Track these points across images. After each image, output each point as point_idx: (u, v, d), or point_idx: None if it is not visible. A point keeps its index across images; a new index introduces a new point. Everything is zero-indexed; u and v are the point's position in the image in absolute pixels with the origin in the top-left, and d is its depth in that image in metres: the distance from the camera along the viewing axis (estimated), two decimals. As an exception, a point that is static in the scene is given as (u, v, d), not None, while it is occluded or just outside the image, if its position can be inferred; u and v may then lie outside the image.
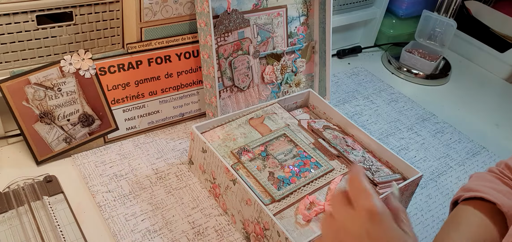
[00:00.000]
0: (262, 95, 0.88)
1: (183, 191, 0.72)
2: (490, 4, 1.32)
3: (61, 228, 0.61)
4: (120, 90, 0.77)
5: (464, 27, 1.28)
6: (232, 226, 0.67)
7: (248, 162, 0.69)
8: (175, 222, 0.66)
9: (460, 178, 0.85)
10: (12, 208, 0.63)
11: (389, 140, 0.92)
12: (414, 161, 0.88)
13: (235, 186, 0.64)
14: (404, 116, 1.00)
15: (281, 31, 0.88)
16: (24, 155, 0.73)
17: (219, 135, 0.74)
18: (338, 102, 1.01)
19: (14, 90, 0.68)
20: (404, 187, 0.68)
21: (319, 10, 0.91)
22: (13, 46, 0.70)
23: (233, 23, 0.81)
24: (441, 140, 0.95)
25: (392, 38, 1.25)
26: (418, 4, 1.22)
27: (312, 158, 0.72)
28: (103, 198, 0.68)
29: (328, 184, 0.69)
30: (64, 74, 0.71)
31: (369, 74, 1.14)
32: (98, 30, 0.77)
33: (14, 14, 0.67)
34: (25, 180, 0.68)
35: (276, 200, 0.64)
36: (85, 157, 0.75)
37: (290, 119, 0.80)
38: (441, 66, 1.20)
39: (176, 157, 0.78)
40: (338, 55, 1.19)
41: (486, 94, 1.15)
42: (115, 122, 0.78)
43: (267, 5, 0.85)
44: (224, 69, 0.82)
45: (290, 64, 0.90)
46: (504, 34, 1.24)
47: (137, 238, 0.63)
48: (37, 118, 0.70)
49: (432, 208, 0.78)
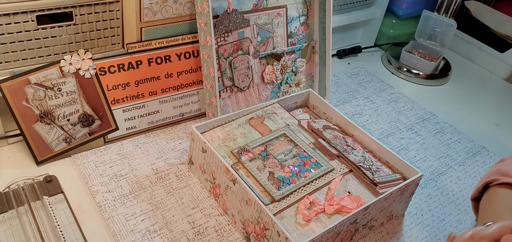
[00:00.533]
0: (262, 95, 0.88)
1: (183, 191, 0.72)
2: (490, 4, 1.32)
3: (61, 228, 0.61)
4: (120, 90, 0.77)
5: (464, 27, 1.28)
6: (232, 226, 0.67)
7: (248, 162, 0.69)
8: (175, 222, 0.66)
9: (460, 178, 0.85)
10: (12, 208, 0.63)
11: (389, 140, 0.92)
12: (414, 161, 0.88)
13: (235, 186, 0.64)
14: (404, 116, 1.00)
15: (281, 31, 0.88)
16: (24, 155, 0.73)
17: (219, 135, 0.74)
18: (338, 102, 1.01)
19: (14, 90, 0.68)
20: (404, 187, 0.68)
21: (319, 10, 0.91)
22: (13, 46, 0.70)
23: (233, 23, 0.81)
24: (441, 140, 0.95)
25: (392, 38, 1.25)
26: (418, 4, 1.22)
27: (312, 158, 0.72)
28: (103, 198, 0.68)
29: (328, 184, 0.69)
30: (64, 74, 0.71)
31: (369, 74, 1.14)
32: (98, 30, 0.77)
33: (14, 14, 0.67)
34: (25, 180, 0.68)
35: (276, 200, 0.64)
36: (85, 157, 0.75)
37: (290, 119, 0.80)
38: (441, 66, 1.20)
39: (176, 157, 0.78)
40: (338, 55, 1.19)
41: (486, 94, 1.15)
42: (115, 122, 0.78)
43: (267, 5, 0.85)
44: (224, 69, 0.82)
45: (290, 64, 0.90)
46: (504, 34, 1.24)
47: (137, 238, 0.63)
48: (37, 119, 0.70)
49: (432, 208, 0.78)
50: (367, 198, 0.67)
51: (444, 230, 0.74)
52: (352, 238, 0.66)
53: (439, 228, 0.74)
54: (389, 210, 0.70)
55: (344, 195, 0.67)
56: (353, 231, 0.65)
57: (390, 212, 0.71)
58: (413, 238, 0.71)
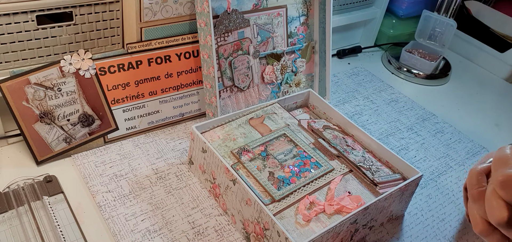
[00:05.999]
0: (262, 95, 0.88)
1: (183, 191, 0.72)
2: (490, 4, 1.32)
3: (61, 228, 0.61)
4: (120, 90, 0.77)
5: (464, 27, 1.28)
6: (232, 226, 0.67)
7: (248, 162, 0.69)
8: (175, 222, 0.66)
9: (460, 178, 0.85)
10: (12, 208, 0.63)
11: (389, 140, 0.92)
12: (414, 161, 0.88)
13: (235, 186, 0.64)
14: (404, 116, 1.00)
15: (281, 31, 0.88)
16: (24, 155, 0.73)
17: (219, 135, 0.74)
18: (338, 102, 1.01)
19: (14, 90, 0.68)
20: (404, 187, 0.68)
21: (319, 10, 0.91)
22: (13, 46, 0.70)
23: (233, 23, 0.81)
24: (441, 140, 0.95)
25: (392, 38, 1.25)
26: (418, 4, 1.22)
27: (312, 158, 0.72)
28: (103, 198, 0.68)
29: (328, 184, 0.69)
30: (64, 74, 0.71)
31: (369, 74, 1.14)
32: (98, 30, 0.77)
33: (14, 14, 0.67)
34: (25, 180, 0.68)
35: (276, 200, 0.64)
36: (85, 157, 0.75)
37: (290, 119, 0.80)
38: (441, 66, 1.20)
39: (176, 157, 0.78)
40: (338, 55, 1.19)
41: (486, 94, 1.15)
42: (115, 122, 0.78)
43: (267, 5, 0.85)
44: (224, 69, 0.82)
45: (290, 64, 0.90)
46: (504, 34, 1.24)
47: (137, 238, 0.63)
48: (37, 119, 0.70)
49: (432, 208, 0.78)
50: (367, 198, 0.67)
51: (444, 230, 0.74)
52: (352, 238, 0.66)
53: (439, 228, 0.74)
54: (389, 210, 0.70)
55: (344, 195, 0.67)
56: (353, 231, 0.65)
57: (390, 212, 0.71)
58: (413, 238, 0.71)
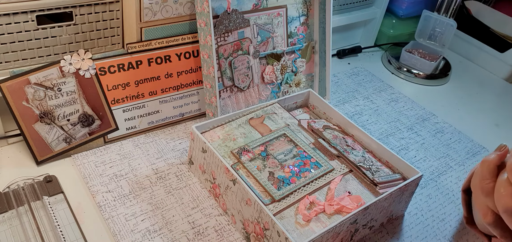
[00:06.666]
0: (262, 95, 0.88)
1: (183, 191, 0.72)
2: (490, 4, 1.32)
3: (61, 228, 0.61)
4: (120, 90, 0.77)
5: (464, 27, 1.28)
6: (232, 226, 0.67)
7: (248, 162, 0.69)
8: (175, 222, 0.66)
9: (460, 178, 0.85)
10: (12, 208, 0.63)
11: (389, 140, 0.92)
12: (414, 161, 0.88)
13: (235, 186, 0.64)
14: (404, 116, 1.00)
15: (281, 31, 0.88)
16: (24, 155, 0.73)
17: (219, 135, 0.74)
18: (338, 102, 1.01)
19: (14, 90, 0.68)
20: (404, 187, 0.68)
21: (319, 10, 0.91)
22: (13, 46, 0.70)
23: (233, 23, 0.81)
24: (441, 140, 0.95)
25: (392, 38, 1.25)
26: (418, 4, 1.22)
27: (312, 158, 0.72)
28: (103, 198, 0.68)
29: (328, 184, 0.69)
30: (64, 74, 0.71)
31: (369, 74, 1.14)
32: (98, 30, 0.77)
33: (14, 14, 0.67)
34: (25, 180, 0.68)
35: (276, 200, 0.64)
36: (85, 157, 0.75)
37: (290, 119, 0.80)
38: (441, 66, 1.20)
39: (176, 157, 0.78)
40: (338, 55, 1.19)
41: (486, 94, 1.15)
42: (115, 122, 0.78)
43: (267, 5, 0.85)
44: (224, 69, 0.82)
45: (290, 64, 0.90)
46: (504, 34, 1.24)
47: (137, 238, 0.63)
48: (37, 119, 0.70)
49: (432, 208, 0.78)
50: (367, 198, 0.67)
51: (444, 230, 0.74)
52: (352, 238, 0.66)
53: (439, 228, 0.74)
54: (389, 210, 0.70)
55: (344, 195, 0.67)
56: (353, 231, 0.65)
57: (390, 212, 0.71)
58: (413, 238, 0.71)
